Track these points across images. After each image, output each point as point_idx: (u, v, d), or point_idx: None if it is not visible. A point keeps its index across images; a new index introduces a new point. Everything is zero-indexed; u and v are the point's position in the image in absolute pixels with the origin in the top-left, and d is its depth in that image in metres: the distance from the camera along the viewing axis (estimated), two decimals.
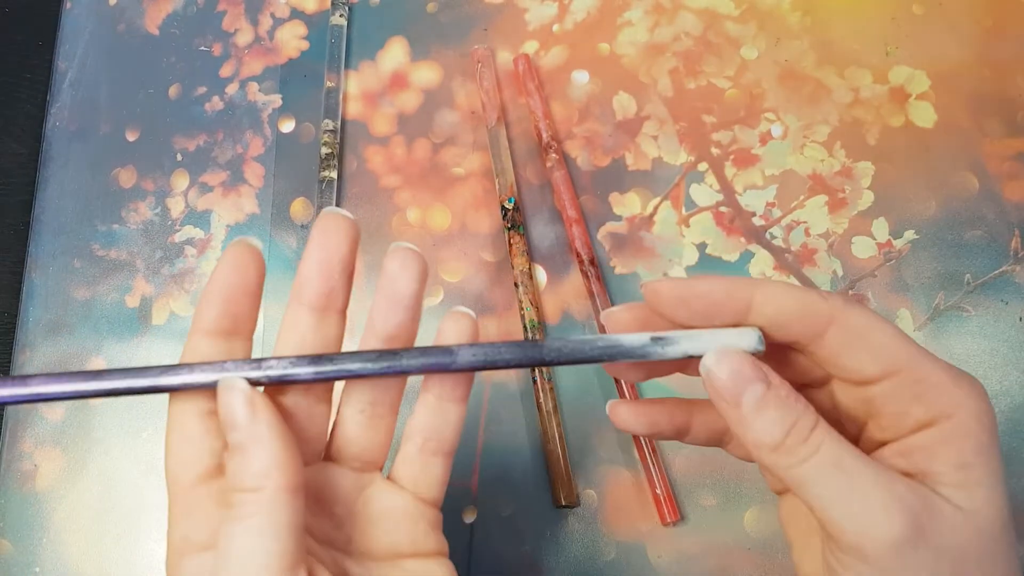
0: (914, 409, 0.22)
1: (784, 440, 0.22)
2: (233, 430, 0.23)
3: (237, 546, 0.22)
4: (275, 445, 0.23)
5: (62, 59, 0.49)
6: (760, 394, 0.22)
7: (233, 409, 0.23)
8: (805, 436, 0.21)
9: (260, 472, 0.22)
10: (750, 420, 0.22)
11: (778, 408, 0.22)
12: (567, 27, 0.45)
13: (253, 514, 0.22)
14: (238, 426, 0.23)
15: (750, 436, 0.22)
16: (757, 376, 0.22)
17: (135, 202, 0.45)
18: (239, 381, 0.23)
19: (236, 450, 0.22)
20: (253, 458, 0.22)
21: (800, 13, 0.44)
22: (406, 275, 0.25)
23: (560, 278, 0.41)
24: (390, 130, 0.44)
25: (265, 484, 0.22)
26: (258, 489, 0.22)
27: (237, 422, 0.23)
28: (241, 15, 0.48)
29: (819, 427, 0.22)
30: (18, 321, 0.44)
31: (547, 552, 0.36)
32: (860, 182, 0.41)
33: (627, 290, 0.40)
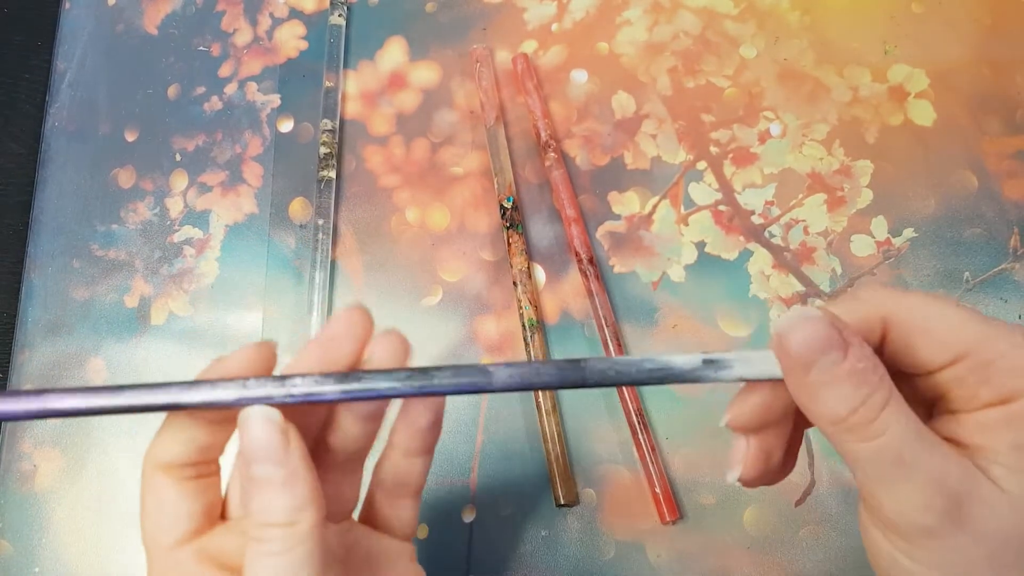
0: (983, 391, 0.21)
1: (849, 417, 0.20)
2: (264, 463, 0.22)
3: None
4: (310, 478, 0.22)
5: (61, 59, 0.49)
6: (834, 363, 0.20)
7: (266, 441, 0.22)
8: (873, 416, 0.20)
9: (296, 506, 0.22)
10: (818, 391, 0.21)
11: (851, 383, 0.20)
12: (566, 26, 0.45)
13: (289, 549, 0.21)
14: (272, 459, 0.22)
15: (815, 408, 0.21)
16: (834, 343, 0.20)
17: (134, 202, 0.45)
18: (271, 411, 0.22)
19: (267, 484, 0.22)
20: (289, 492, 0.22)
21: (799, 12, 0.44)
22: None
23: (559, 277, 0.41)
24: (389, 130, 0.44)
25: (300, 518, 0.22)
26: (293, 524, 0.22)
27: (271, 455, 0.22)
28: (240, 15, 0.48)
29: (890, 406, 0.20)
30: (17, 321, 0.44)
31: (546, 551, 0.36)
32: (859, 180, 0.41)
33: (626, 289, 0.40)
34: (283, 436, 0.22)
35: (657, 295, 0.40)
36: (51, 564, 0.39)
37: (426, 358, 0.40)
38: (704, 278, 0.40)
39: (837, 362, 0.20)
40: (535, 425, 0.38)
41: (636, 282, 0.40)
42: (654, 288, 0.40)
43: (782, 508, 0.36)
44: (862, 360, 0.21)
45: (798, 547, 0.35)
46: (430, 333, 0.40)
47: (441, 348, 0.40)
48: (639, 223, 0.41)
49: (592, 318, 0.39)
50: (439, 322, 0.40)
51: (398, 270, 0.42)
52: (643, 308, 0.39)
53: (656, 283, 0.40)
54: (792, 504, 0.36)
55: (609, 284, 0.40)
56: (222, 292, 0.42)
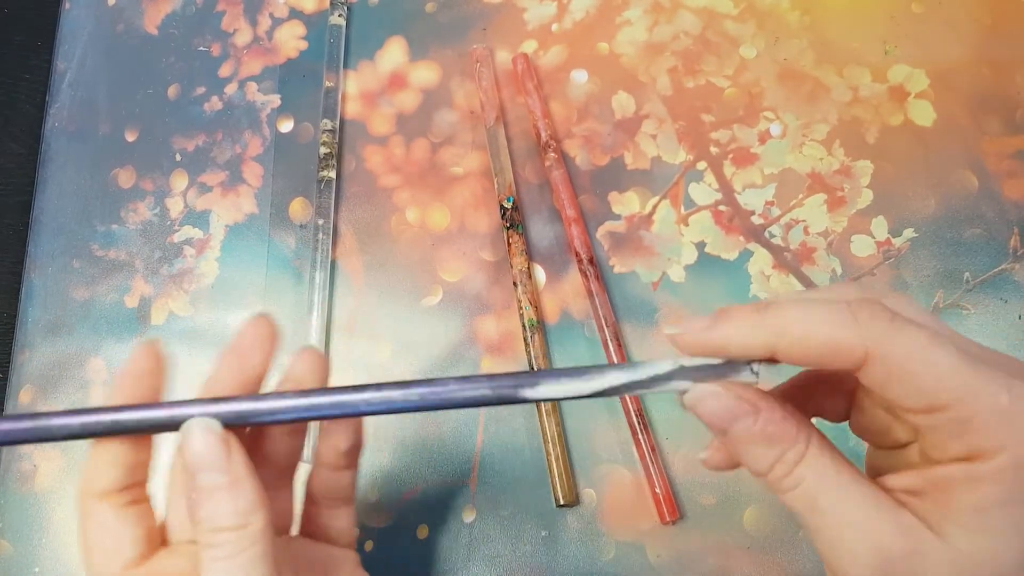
0: (952, 445, 0.20)
1: (769, 472, 0.22)
2: (208, 471, 0.23)
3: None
4: (255, 482, 0.23)
5: (61, 59, 0.49)
6: (746, 428, 0.22)
7: (208, 450, 0.23)
8: (788, 470, 0.22)
9: (245, 509, 0.23)
10: (738, 450, 0.22)
11: (762, 442, 0.22)
12: (566, 26, 0.45)
13: (241, 551, 0.22)
14: (216, 466, 0.23)
15: (742, 462, 0.23)
16: (742, 411, 0.22)
17: (134, 202, 0.45)
18: (210, 421, 0.23)
19: (214, 491, 0.23)
20: (236, 495, 0.23)
21: (799, 12, 0.44)
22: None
23: (559, 277, 0.41)
24: (389, 130, 0.44)
25: (250, 520, 0.23)
26: (244, 526, 0.23)
27: (214, 463, 0.23)
28: (240, 15, 0.48)
29: (804, 461, 0.22)
30: (17, 321, 0.44)
31: (546, 551, 0.36)
32: (859, 180, 0.41)
33: (626, 289, 0.40)
34: (224, 444, 0.23)
35: (657, 295, 0.40)
36: (51, 564, 0.39)
37: (426, 358, 0.40)
38: (704, 278, 0.40)
39: (748, 427, 0.22)
40: (535, 425, 0.38)
41: (636, 282, 0.40)
42: (654, 288, 0.40)
43: (782, 508, 0.36)
44: (772, 423, 0.22)
45: (798, 547, 0.35)
46: (430, 333, 0.40)
47: (441, 348, 0.40)
48: (639, 223, 0.41)
49: (592, 318, 0.39)
50: (439, 322, 0.40)
51: (398, 270, 0.42)
52: (643, 308, 0.39)
53: (656, 283, 0.40)
54: None
55: (609, 284, 0.40)
56: (222, 292, 0.42)
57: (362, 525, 0.38)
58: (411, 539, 0.37)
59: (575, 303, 0.40)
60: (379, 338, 0.41)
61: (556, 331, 0.40)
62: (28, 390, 0.42)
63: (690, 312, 0.39)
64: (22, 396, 0.42)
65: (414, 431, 0.39)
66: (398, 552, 0.37)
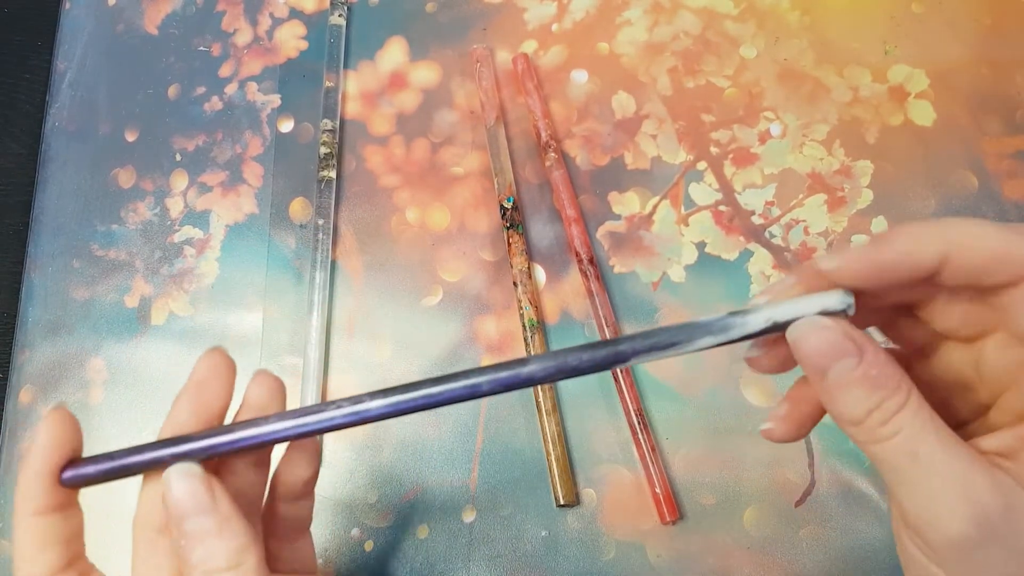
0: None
1: (865, 419, 0.21)
2: (195, 516, 0.23)
3: None
4: (243, 520, 0.23)
5: (61, 59, 0.49)
6: (848, 370, 0.21)
7: (191, 495, 0.23)
8: (887, 418, 0.20)
9: (237, 548, 0.23)
10: (834, 394, 0.21)
11: (864, 386, 0.21)
12: (566, 26, 0.45)
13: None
14: (201, 510, 0.23)
15: (833, 409, 0.21)
16: (847, 350, 0.21)
17: (134, 202, 0.45)
18: (190, 465, 0.23)
19: (203, 535, 0.23)
20: (227, 536, 0.23)
21: (799, 12, 0.44)
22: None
23: (559, 277, 0.41)
24: (389, 130, 0.44)
25: (245, 558, 0.23)
26: (239, 564, 0.22)
27: (199, 507, 0.23)
28: (240, 15, 0.48)
29: (905, 409, 0.20)
30: (17, 321, 0.44)
31: (547, 551, 0.36)
32: (859, 181, 0.41)
33: (626, 289, 0.40)
34: (207, 486, 0.23)
35: (657, 295, 0.40)
36: None
37: (426, 359, 0.40)
38: (704, 278, 0.40)
39: (851, 368, 0.21)
40: (535, 425, 0.38)
41: (636, 282, 0.40)
42: (654, 288, 0.40)
43: (782, 508, 0.36)
44: (876, 366, 0.21)
45: (798, 547, 0.35)
46: (430, 333, 0.40)
47: (441, 348, 0.40)
48: (639, 223, 0.41)
49: (592, 318, 0.39)
50: (439, 322, 0.40)
51: (398, 270, 0.42)
52: (643, 308, 0.39)
53: (656, 283, 0.40)
54: (792, 504, 0.36)
55: (609, 284, 0.40)
56: (222, 292, 0.42)
57: (362, 525, 0.38)
58: (411, 539, 0.37)
59: (575, 303, 0.40)
60: (379, 338, 0.41)
61: (556, 331, 0.40)
62: (28, 390, 0.42)
63: (690, 312, 0.39)
64: (22, 396, 0.42)
65: (414, 431, 0.39)
66: (398, 552, 0.37)
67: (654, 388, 0.38)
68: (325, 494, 0.38)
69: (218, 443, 0.24)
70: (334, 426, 0.24)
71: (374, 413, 0.23)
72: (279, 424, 0.24)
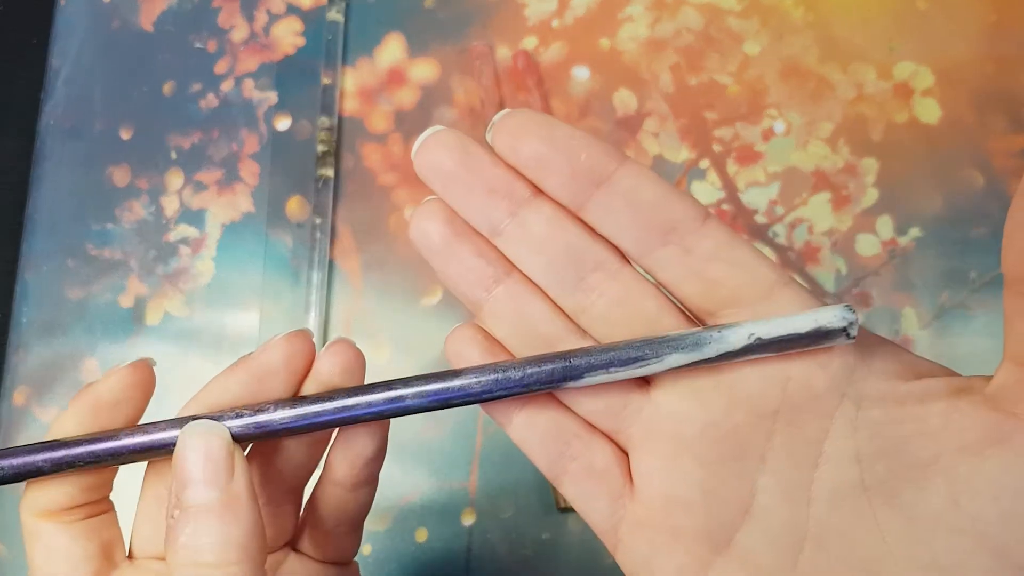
0: None
1: None
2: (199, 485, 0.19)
3: None
4: (254, 509, 0.19)
5: (56, 56, 0.48)
6: None
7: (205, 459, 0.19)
8: None
9: (234, 543, 0.18)
10: None
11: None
12: (567, 22, 0.45)
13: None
14: (210, 481, 0.19)
15: None
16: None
17: (129, 201, 0.44)
18: (217, 425, 0.20)
19: (202, 513, 0.18)
20: (228, 523, 0.18)
21: (803, 8, 0.44)
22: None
23: None
24: (387, 127, 0.44)
25: (240, 558, 0.18)
26: (230, 564, 0.18)
27: (210, 476, 0.19)
28: (236, 11, 0.47)
29: None
30: (11, 321, 0.43)
31: (547, 555, 0.36)
32: (864, 179, 0.40)
33: None
34: (227, 455, 0.19)
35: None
36: None
37: (425, 359, 0.39)
38: None
39: None
40: None
41: None
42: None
43: None
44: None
45: None
46: (429, 334, 0.40)
47: (440, 349, 0.39)
48: None
49: None
50: (439, 322, 0.40)
51: (397, 269, 0.41)
52: None
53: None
54: None
55: None
56: (218, 292, 0.42)
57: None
58: (410, 543, 0.37)
59: None
60: (377, 338, 0.40)
61: None
62: (22, 391, 0.42)
63: None
64: (16, 397, 0.41)
65: (413, 433, 0.38)
66: (397, 556, 0.37)
67: None
68: None
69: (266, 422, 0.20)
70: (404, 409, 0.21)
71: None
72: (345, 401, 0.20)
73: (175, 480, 0.19)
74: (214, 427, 0.20)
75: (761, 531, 0.20)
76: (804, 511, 0.19)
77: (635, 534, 0.21)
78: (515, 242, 0.21)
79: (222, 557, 0.18)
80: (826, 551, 0.19)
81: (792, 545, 0.19)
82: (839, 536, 0.19)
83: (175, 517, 0.19)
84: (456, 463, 0.38)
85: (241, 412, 0.20)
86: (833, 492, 0.19)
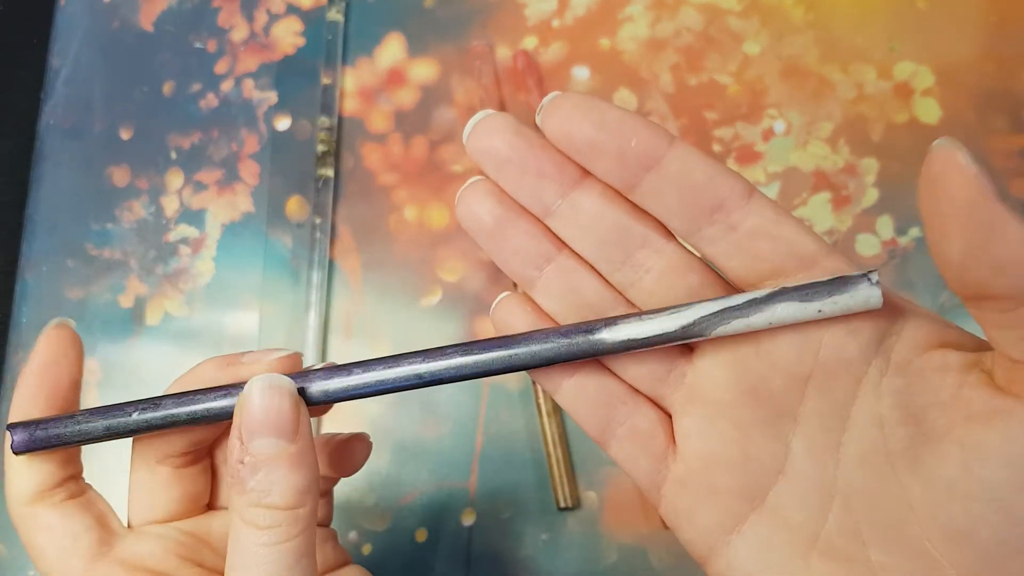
0: None
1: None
2: (271, 436, 0.20)
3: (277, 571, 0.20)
4: (315, 462, 0.21)
5: (56, 56, 0.48)
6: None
7: (277, 412, 0.20)
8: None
9: (304, 487, 0.20)
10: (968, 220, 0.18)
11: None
12: (567, 22, 0.45)
13: (292, 536, 0.20)
14: (283, 432, 0.20)
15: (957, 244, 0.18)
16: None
17: (129, 200, 0.44)
18: (284, 379, 0.21)
19: (274, 461, 0.20)
20: (299, 471, 0.20)
21: (803, 8, 0.44)
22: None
23: None
24: (387, 127, 0.44)
25: (306, 501, 0.20)
26: (301, 506, 0.20)
27: (281, 428, 0.20)
28: (236, 11, 0.47)
29: None
30: (11, 321, 0.43)
31: (547, 555, 0.36)
32: (864, 179, 0.40)
33: None
34: (296, 407, 0.20)
35: None
36: None
37: None
38: None
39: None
40: (536, 427, 0.38)
41: None
42: None
43: None
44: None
45: None
46: (429, 333, 0.40)
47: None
48: None
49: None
50: (438, 322, 0.40)
51: (397, 269, 0.41)
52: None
53: None
54: None
55: None
56: (218, 292, 0.42)
57: (360, 528, 0.37)
58: (410, 542, 0.37)
59: None
60: (377, 338, 0.40)
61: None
62: None
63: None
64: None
65: (413, 433, 0.38)
66: (397, 556, 0.37)
67: None
68: None
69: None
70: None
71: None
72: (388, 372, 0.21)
73: (244, 429, 0.20)
74: (279, 380, 0.21)
75: (792, 490, 0.21)
76: (833, 472, 0.20)
77: (677, 491, 0.22)
78: (565, 222, 0.22)
79: (289, 501, 0.20)
80: (853, 511, 0.20)
81: (821, 504, 0.21)
82: (865, 497, 0.20)
83: (245, 463, 0.20)
84: (456, 463, 0.38)
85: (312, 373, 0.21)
86: (860, 455, 0.20)
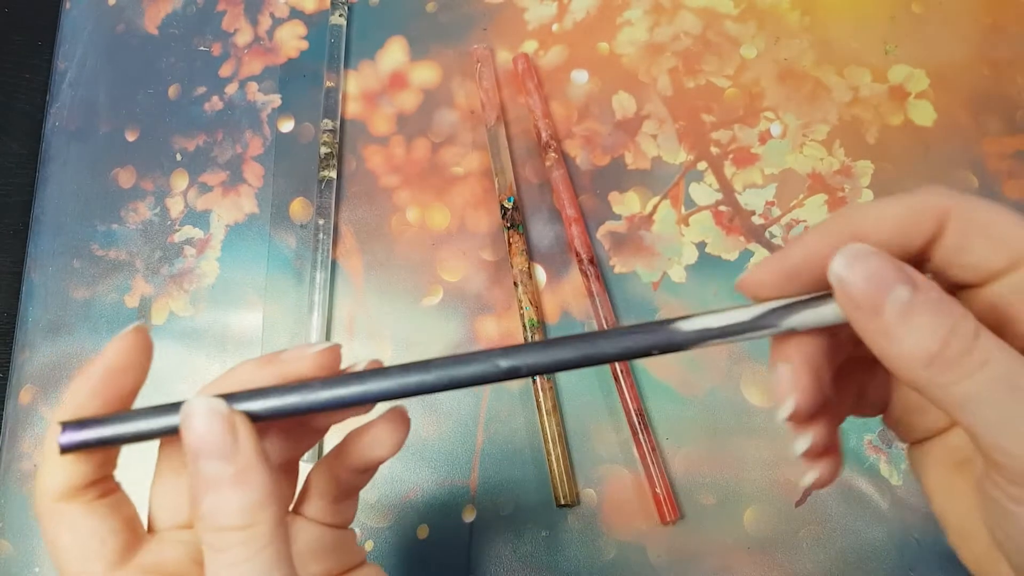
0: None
1: (942, 351, 0.17)
2: (211, 459, 0.20)
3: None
4: (265, 472, 0.20)
5: (61, 59, 0.49)
6: (907, 297, 0.17)
7: (211, 434, 0.20)
8: (968, 345, 0.17)
9: (252, 505, 0.20)
10: (897, 330, 0.17)
11: (931, 313, 0.17)
12: (566, 26, 0.45)
13: (252, 555, 0.19)
14: (219, 454, 0.20)
15: (897, 350, 0.18)
16: (900, 277, 0.18)
17: (134, 202, 0.45)
18: (216, 401, 0.20)
19: (216, 482, 0.20)
20: (242, 490, 0.20)
21: (799, 12, 0.44)
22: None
23: (559, 277, 0.41)
24: (389, 130, 0.44)
25: (259, 519, 0.20)
26: (251, 526, 0.20)
27: (217, 450, 0.20)
28: (240, 15, 0.48)
29: (983, 335, 0.17)
30: (17, 321, 0.44)
31: (547, 551, 0.36)
32: (859, 181, 0.41)
33: (626, 289, 0.40)
34: (229, 427, 0.20)
35: (658, 295, 0.40)
36: (51, 564, 0.39)
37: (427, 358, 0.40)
38: (705, 278, 0.40)
39: (907, 296, 0.18)
40: (535, 425, 0.38)
41: (637, 282, 0.40)
42: (655, 288, 0.40)
43: (782, 508, 0.36)
44: (934, 289, 0.18)
45: (798, 547, 0.36)
46: (430, 333, 0.40)
47: (441, 348, 0.40)
48: (640, 223, 0.41)
49: (593, 318, 0.39)
50: (439, 322, 0.40)
51: (398, 270, 0.42)
52: (644, 308, 0.39)
53: (657, 283, 0.40)
54: (792, 504, 0.36)
55: (610, 284, 0.40)
56: (223, 292, 0.42)
57: (362, 525, 0.38)
58: (411, 539, 0.37)
59: (575, 303, 0.40)
60: (379, 338, 0.41)
61: (557, 331, 0.40)
62: (28, 390, 0.42)
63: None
64: (22, 396, 0.42)
65: (414, 431, 0.39)
66: (399, 552, 0.37)
67: (654, 388, 0.38)
68: None
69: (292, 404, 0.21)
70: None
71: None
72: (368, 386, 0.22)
73: (188, 454, 0.20)
74: (211, 403, 0.20)
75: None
76: None
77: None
78: None
79: (236, 522, 0.19)
80: None
81: None
82: None
83: (193, 486, 0.20)
84: (457, 460, 0.38)
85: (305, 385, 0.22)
86: None
